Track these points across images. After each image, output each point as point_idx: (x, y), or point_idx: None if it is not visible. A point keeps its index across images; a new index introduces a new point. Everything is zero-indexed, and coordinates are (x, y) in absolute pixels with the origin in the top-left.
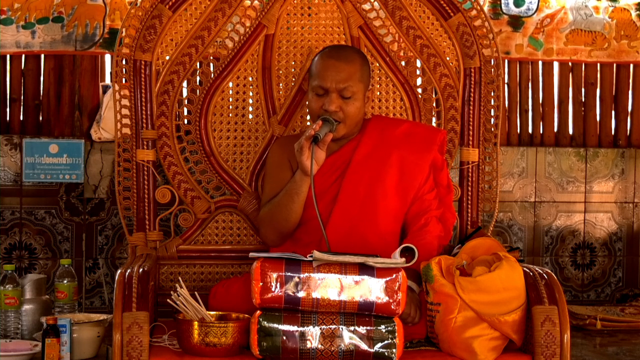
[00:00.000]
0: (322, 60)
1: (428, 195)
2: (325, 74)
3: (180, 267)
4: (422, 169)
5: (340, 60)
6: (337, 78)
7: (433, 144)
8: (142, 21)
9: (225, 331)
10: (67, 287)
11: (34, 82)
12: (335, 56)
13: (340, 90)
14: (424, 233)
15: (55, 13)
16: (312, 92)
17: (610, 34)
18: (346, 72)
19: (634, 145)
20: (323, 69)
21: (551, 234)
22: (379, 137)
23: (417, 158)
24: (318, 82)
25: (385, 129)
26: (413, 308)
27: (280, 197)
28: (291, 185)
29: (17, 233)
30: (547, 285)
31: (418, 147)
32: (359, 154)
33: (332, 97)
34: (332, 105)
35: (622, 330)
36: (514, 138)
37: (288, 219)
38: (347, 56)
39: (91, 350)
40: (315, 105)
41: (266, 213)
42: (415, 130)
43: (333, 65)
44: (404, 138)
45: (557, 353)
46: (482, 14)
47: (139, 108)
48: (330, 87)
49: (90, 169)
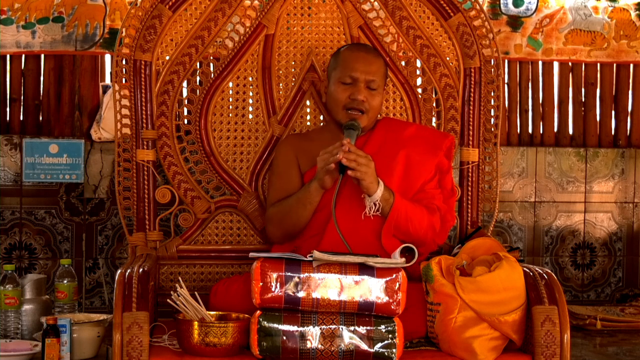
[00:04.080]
0: (352, 52)
1: (433, 190)
2: (355, 64)
3: (180, 267)
4: (427, 169)
5: (369, 53)
6: (367, 69)
7: (439, 149)
8: (142, 21)
9: (225, 331)
10: (67, 287)
11: (34, 82)
12: (364, 49)
13: (369, 81)
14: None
15: (55, 13)
16: (338, 82)
17: (610, 34)
18: (375, 65)
19: (634, 145)
20: (353, 60)
21: (551, 234)
22: (387, 136)
23: (423, 158)
24: (347, 72)
25: (393, 129)
26: None
27: (291, 202)
28: (304, 194)
29: (17, 233)
30: (547, 285)
31: (424, 149)
32: (367, 150)
33: (361, 86)
34: (360, 94)
35: (622, 330)
36: (514, 138)
37: (297, 223)
38: (374, 52)
39: (91, 350)
40: (341, 95)
41: (275, 214)
42: (423, 134)
43: (363, 57)
44: (412, 139)
45: (557, 353)
46: (482, 14)
47: (139, 108)
48: (360, 77)
49: (90, 169)
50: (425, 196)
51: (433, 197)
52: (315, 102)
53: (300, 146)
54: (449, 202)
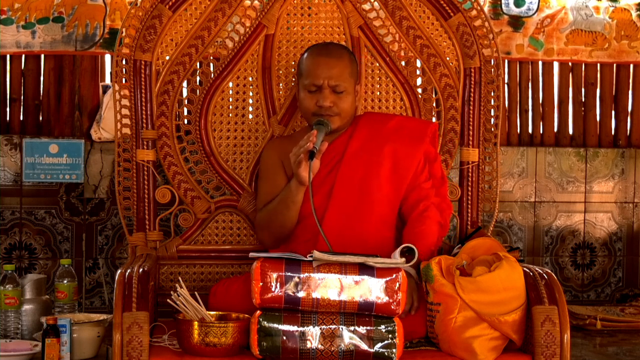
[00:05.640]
0: (312, 58)
1: (425, 184)
2: (317, 71)
3: (180, 267)
4: (415, 159)
5: (330, 56)
6: (329, 74)
7: (424, 136)
8: (142, 21)
9: (225, 331)
10: (67, 287)
11: (34, 82)
12: (325, 53)
13: (333, 86)
14: (424, 218)
15: (55, 13)
16: (304, 90)
17: (611, 34)
18: (337, 68)
19: (634, 145)
20: (314, 66)
21: (551, 234)
22: (370, 131)
23: (410, 149)
24: (310, 79)
25: (376, 123)
26: (410, 296)
27: (275, 204)
28: (286, 193)
29: (17, 233)
30: (547, 285)
31: (409, 140)
32: (352, 147)
33: (325, 93)
34: (326, 101)
35: (622, 330)
36: (514, 138)
37: (284, 225)
38: (336, 52)
39: (91, 350)
40: (308, 103)
41: (262, 218)
42: (406, 124)
43: (324, 62)
44: (395, 131)
45: (557, 353)
46: (482, 14)
47: (139, 108)
48: (323, 83)
49: (90, 169)
50: (419, 195)
51: (428, 196)
52: None
53: (284, 149)
54: (440, 191)
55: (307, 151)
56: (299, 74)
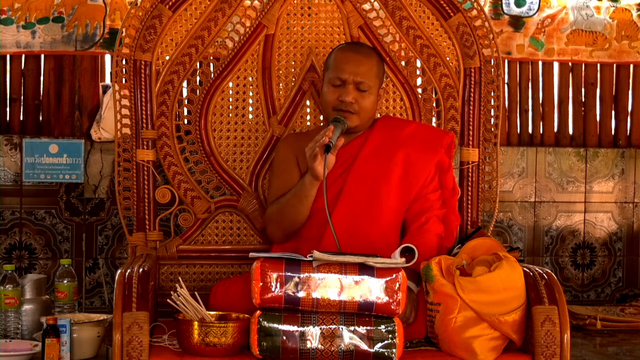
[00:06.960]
0: (342, 53)
1: (431, 195)
2: (344, 66)
3: (180, 267)
4: (427, 168)
5: (359, 54)
6: (356, 70)
7: (440, 146)
8: (142, 21)
9: (225, 331)
10: (67, 287)
11: (34, 82)
12: (355, 50)
13: (358, 83)
14: (423, 231)
15: (55, 13)
16: (329, 83)
17: (611, 35)
18: (365, 65)
19: (634, 145)
20: (342, 61)
21: (551, 234)
22: (386, 135)
23: (423, 157)
24: (336, 73)
25: (393, 127)
26: (409, 308)
27: (288, 198)
28: (300, 188)
29: (17, 233)
30: (547, 285)
31: (424, 148)
32: (365, 150)
33: (349, 88)
34: (348, 96)
35: (622, 330)
36: (514, 138)
37: (295, 219)
38: (366, 51)
39: (91, 350)
40: (331, 97)
41: (274, 212)
42: (423, 131)
43: (352, 58)
44: (411, 138)
45: (557, 353)
46: (482, 14)
47: (139, 108)
48: (348, 78)
49: (90, 169)
50: (423, 206)
51: (431, 208)
52: (315, 102)
53: (299, 145)
54: (450, 202)
55: (322, 145)
56: (326, 68)
